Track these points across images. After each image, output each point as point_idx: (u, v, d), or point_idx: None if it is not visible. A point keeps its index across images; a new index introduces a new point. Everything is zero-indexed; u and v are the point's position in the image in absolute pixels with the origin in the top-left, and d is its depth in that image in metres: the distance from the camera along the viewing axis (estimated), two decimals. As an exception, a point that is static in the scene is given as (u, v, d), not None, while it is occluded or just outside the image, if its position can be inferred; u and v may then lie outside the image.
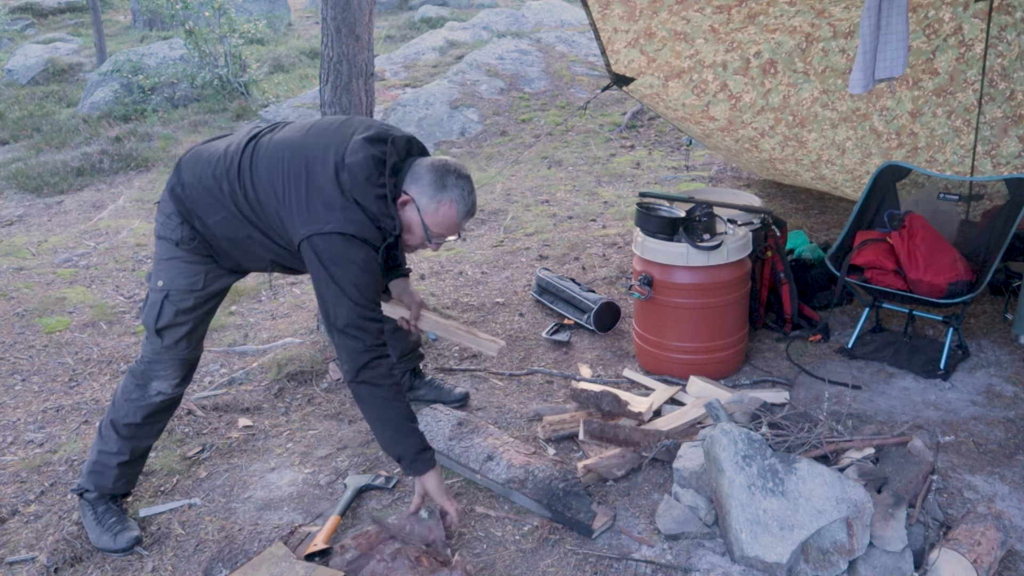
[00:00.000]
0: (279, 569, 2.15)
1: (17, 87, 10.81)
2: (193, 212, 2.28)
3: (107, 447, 2.40)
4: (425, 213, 2.19)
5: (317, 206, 2.13)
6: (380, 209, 2.15)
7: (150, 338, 2.37)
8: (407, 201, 2.20)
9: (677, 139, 7.13)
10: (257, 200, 2.22)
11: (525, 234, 5.13)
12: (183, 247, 2.31)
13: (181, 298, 2.32)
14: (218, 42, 9.63)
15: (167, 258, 2.33)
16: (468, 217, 2.26)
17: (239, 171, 2.24)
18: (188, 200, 2.28)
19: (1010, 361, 3.27)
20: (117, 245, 5.41)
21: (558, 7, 11.74)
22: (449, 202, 2.19)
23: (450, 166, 2.21)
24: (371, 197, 2.14)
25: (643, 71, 4.13)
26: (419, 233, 2.24)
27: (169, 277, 2.32)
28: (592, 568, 2.17)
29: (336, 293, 2.13)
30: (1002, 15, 3.65)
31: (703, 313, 3.07)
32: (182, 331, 2.35)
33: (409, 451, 2.22)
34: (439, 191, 2.18)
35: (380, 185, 2.15)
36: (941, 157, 4.27)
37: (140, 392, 2.37)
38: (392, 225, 2.18)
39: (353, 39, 3.28)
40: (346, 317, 2.14)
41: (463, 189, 2.20)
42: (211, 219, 2.27)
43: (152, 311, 2.33)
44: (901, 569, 2.01)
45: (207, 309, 2.41)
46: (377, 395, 2.19)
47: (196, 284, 2.33)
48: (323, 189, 2.14)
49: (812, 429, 2.32)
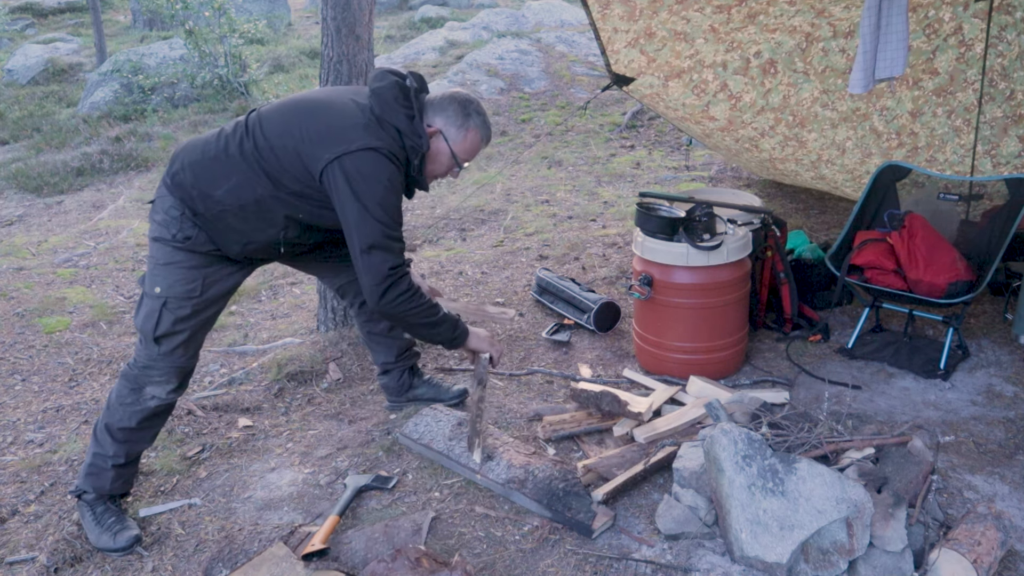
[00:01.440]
0: (279, 569, 2.15)
1: (17, 87, 10.82)
2: (198, 192, 2.25)
3: (102, 450, 2.39)
4: (454, 142, 2.37)
5: (342, 129, 2.21)
6: (408, 128, 2.28)
7: (147, 344, 2.34)
8: (435, 132, 2.35)
9: (677, 139, 7.13)
10: (271, 149, 2.24)
11: (525, 234, 5.13)
12: (181, 246, 2.28)
13: (179, 305, 2.30)
14: (218, 42, 9.63)
15: (164, 263, 2.30)
16: (488, 142, 2.47)
17: (247, 130, 2.28)
18: (191, 180, 2.26)
19: (1010, 361, 3.27)
20: (117, 245, 5.42)
21: (558, 7, 11.75)
22: (475, 130, 2.39)
23: (468, 97, 2.40)
24: (401, 116, 2.27)
25: (643, 71, 4.13)
26: (446, 161, 2.41)
27: (167, 283, 2.29)
28: (592, 568, 2.17)
29: (360, 211, 2.21)
30: (1002, 15, 3.65)
31: (703, 313, 3.07)
32: (180, 339, 2.34)
33: (446, 337, 2.52)
34: (465, 120, 2.37)
35: (408, 106, 2.29)
36: (941, 157, 4.27)
37: (134, 397, 2.36)
38: (420, 144, 2.31)
39: (353, 39, 3.28)
40: (371, 236, 2.23)
41: (483, 116, 2.42)
42: (220, 189, 2.25)
43: (150, 319, 2.30)
44: (901, 569, 2.01)
45: (206, 317, 2.39)
46: (408, 307, 2.36)
47: (194, 291, 2.31)
48: (347, 115, 2.24)
49: (812, 429, 2.32)
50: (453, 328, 2.52)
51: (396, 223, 2.29)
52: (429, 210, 5.85)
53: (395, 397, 3.05)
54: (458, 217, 5.60)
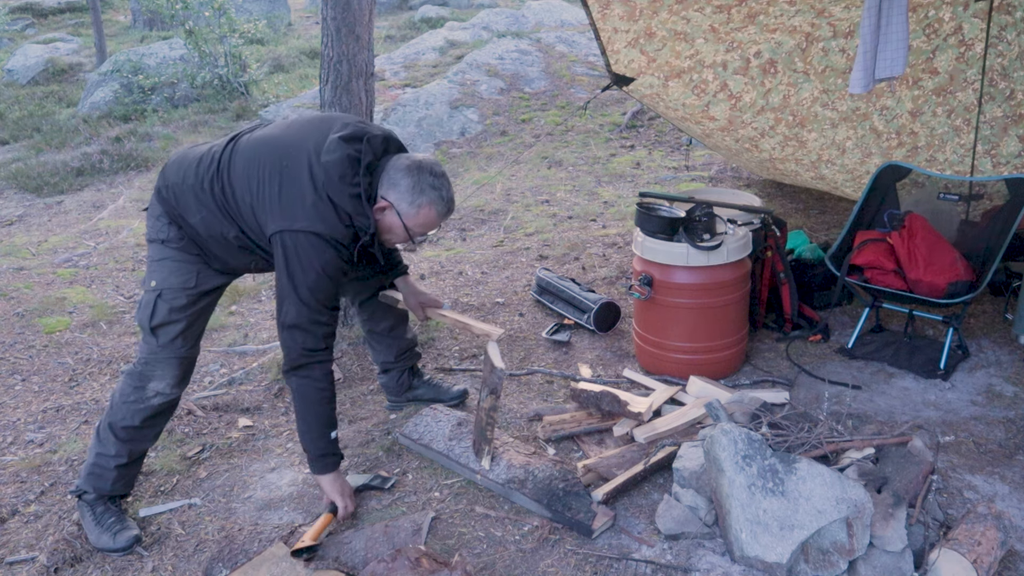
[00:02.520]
0: (279, 569, 2.15)
1: (17, 87, 10.81)
2: (178, 212, 2.31)
3: (105, 450, 2.39)
4: (406, 217, 2.27)
5: (290, 202, 2.17)
6: (355, 208, 2.20)
7: (146, 338, 2.38)
8: (386, 207, 2.26)
9: (677, 139, 7.13)
10: (234, 197, 2.25)
11: (525, 234, 5.13)
12: (173, 246, 2.33)
13: (174, 296, 2.33)
14: (218, 42, 9.63)
15: (158, 259, 2.35)
16: (447, 215, 2.34)
17: (218, 168, 2.27)
18: (173, 200, 2.31)
19: (1010, 361, 3.26)
20: (117, 245, 5.42)
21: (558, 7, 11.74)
22: (428, 204, 2.26)
23: (424, 166, 2.26)
24: (345, 196, 2.18)
25: (643, 71, 4.13)
26: (400, 234, 2.33)
27: (161, 276, 2.33)
28: (592, 568, 2.17)
29: (290, 290, 2.19)
30: (1002, 15, 3.65)
31: (703, 313, 3.07)
32: (177, 329, 2.36)
33: (314, 451, 2.34)
34: (418, 195, 2.24)
35: (355, 184, 2.20)
36: (941, 156, 4.27)
37: (138, 394, 2.37)
38: (367, 224, 2.23)
39: (353, 39, 3.28)
40: (294, 317, 2.21)
41: (440, 190, 2.27)
42: (194, 218, 2.29)
43: (146, 310, 2.34)
44: (901, 569, 2.01)
45: (202, 306, 2.41)
46: (304, 394, 2.29)
47: (188, 282, 2.34)
48: (297, 186, 2.18)
49: (812, 429, 2.32)
50: (323, 452, 2.33)
51: (325, 307, 2.23)
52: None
53: (395, 397, 3.05)
54: (458, 217, 5.60)
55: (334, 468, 2.37)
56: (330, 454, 2.35)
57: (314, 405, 2.30)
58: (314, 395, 2.29)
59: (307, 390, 2.28)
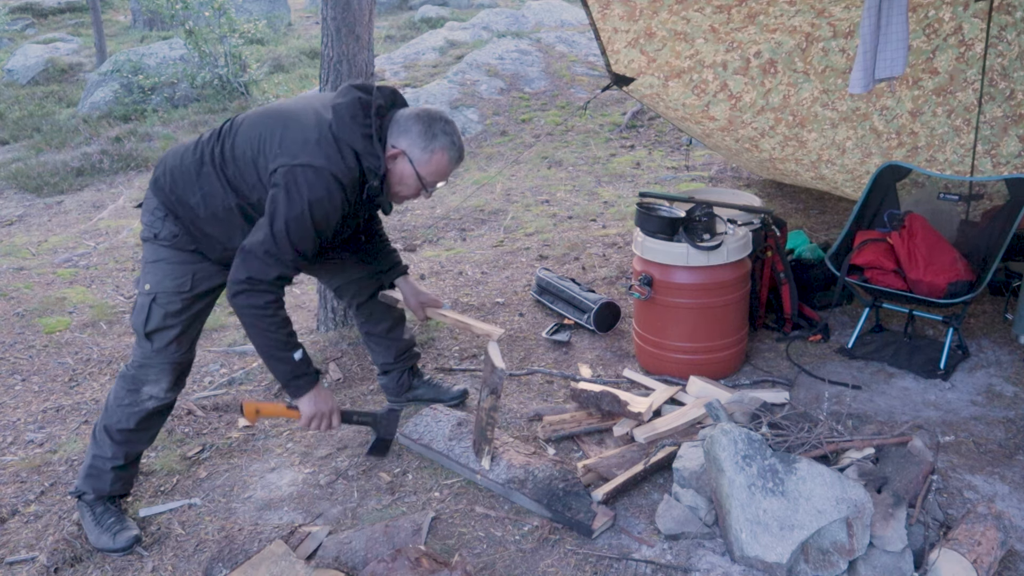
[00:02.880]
0: (279, 568, 2.15)
1: (17, 87, 10.81)
2: (176, 198, 2.27)
3: (101, 452, 2.38)
4: (418, 164, 2.25)
5: (293, 142, 2.15)
6: (366, 147, 2.18)
7: (140, 342, 2.35)
8: (398, 154, 2.24)
9: (677, 139, 7.13)
10: (234, 157, 2.22)
11: (525, 234, 5.13)
12: (168, 244, 2.29)
13: (169, 300, 2.30)
14: (218, 42, 9.63)
15: (153, 260, 2.31)
16: (459, 162, 2.32)
17: (220, 138, 2.27)
18: (171, 184, 2.28)
19: (1010, 361, 3.26)
20: (117, 245, 5.42)
21: (558, 7, 11.74)
22: (441, 150, 2.24)
23: (434, 115, 2.26)
24: (357, 135, 2.17)
25: (643, 71, 4.13)
26: (413, 184, 2.29)
27: (156, 279, 2.30)
28: (592, 568, 2.17)
29: (266, 222, 2.13)
30: (1002, 15, 3.65)
31: (703, 313, 3.07)
32: (172, 334, 2.33)
33: (282, 378, 2.27)
34: (430, 140, 2.23)
35: (366, 125, 2.19)
36: (941, 156, 4.27)
37: (132, 397, 2.35)
38: (377, 165, 2.21)
39: (353, 39, 3.28)
40: (257, 242, 2.13)
41: (451, 135, 2.27)
42: (194, 197, 2.25)
43: (140, 314, 2.31)
44: (901, 569, 2.01)
45: (196, 311, 2.38)
46: (249, 322, 2.20)
47: (183, 285, 2.31)
48: (302, 129, 2.16)
49: (812, 429, 2.32)
50: (291, 376, 2.27)
51: (292, 248, 2.14)
52: (429, 210, 5.85)
53: (395, 397, 3.05)
54: (458, 217, 5.60)
55: (310, 387, 2.31)
56: (301, 375, 2.28)
57: (262, 332, 2.19)
58: (258, 321, 2.18)
59: (249, 316, 2.18)
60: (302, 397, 2.31)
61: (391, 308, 2.87)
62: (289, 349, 2.26)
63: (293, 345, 2.27)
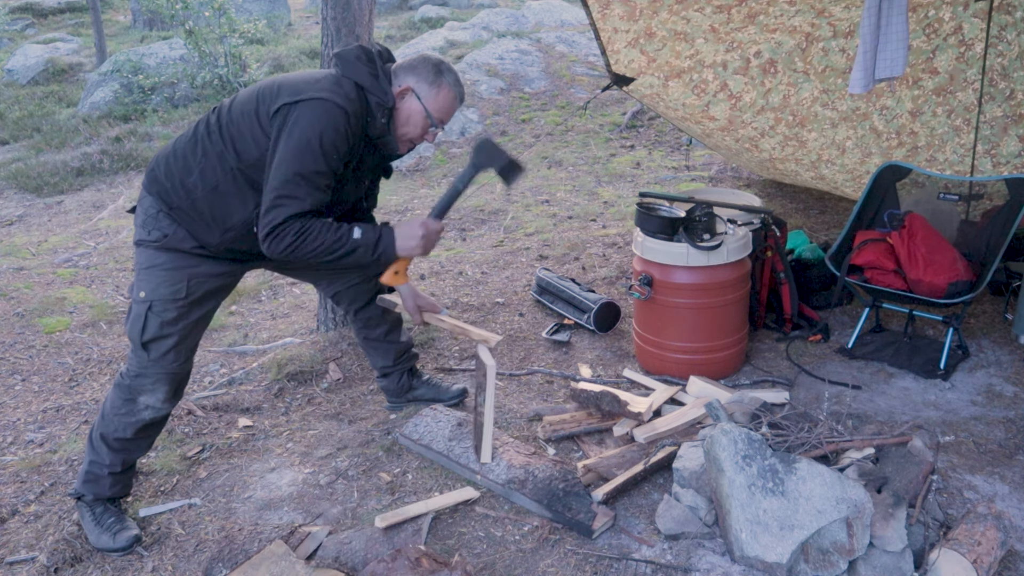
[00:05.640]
0: (279, 568, 2.15)
1: (17, 87, 10.81)
2: (172, 184, 2.24)
3: (98, 458, 2.38)
4: (427, 99, 2.31)
5: (295, 84, 2.19)
6: (372, 84, 2.24)
7: (136, 351, 2.32)
8: (406, 90, 2.29)
9: (677, 139, 7.13)
10: (231, 118, 2.23)
11: (525, 234, 5.13)
12: (161, 246, 2.26)
13: (164, 308, 2.27)
14: (218, 42, 9.63)
15: (147, 267, 2.28)
16: (462, 103, 2.40)
17: (217, 111, 2.29)
18: (165, 171, 2.26)
19: (1010, 361, 3.26)
20: (117, 245, 5.42)
21: (558, 7, 11.74)
22: (448, 86, 2.32)
23: (438, 58, 2.36)
24: (364, 73, 2.24)
25: (643, 71, 4.13)
26: (420, 121, 2.33)
27: (151, 287, 2.26)
28: (592, 568, 2.17)
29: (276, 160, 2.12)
30: (1002, 15, 3.65)
31: (703, 313, 3.07)
32: (169, 343, 2.30)
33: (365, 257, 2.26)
34: (437, 76, 2.31)
35: (372, 65, 2.27)
36: (941, 156, 4.27)
37: (128, 407, 2.34)
38: (385, 99, 2.26)
39: (353, 39, 3.28)
40: (269, 192, 2.12)
41: (455, 75, 2.35)
42: (191, 177, 2.23)
43: (136, 324, 2.27)
44: (901, 569, 2.01)
45: (194, 319, 2.34)
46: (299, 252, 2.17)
47: (179, 292, 2.27)
48: (309, 74, 2.23)
49: (812, 429, 2.32)
50: (371, 249, 2.26)
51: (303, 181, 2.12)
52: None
53: (395, 399, 3.05)
54: (458, 217, 5.60)
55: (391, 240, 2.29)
56: (375, 241, 2.26)
57: (321, 236, 2.17)
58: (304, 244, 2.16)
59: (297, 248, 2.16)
60: (396, 250, 2.31)
61: (388, 312, 2.86)
62: (347, 238, 2.22)
63: (347, 231, 2.22)
